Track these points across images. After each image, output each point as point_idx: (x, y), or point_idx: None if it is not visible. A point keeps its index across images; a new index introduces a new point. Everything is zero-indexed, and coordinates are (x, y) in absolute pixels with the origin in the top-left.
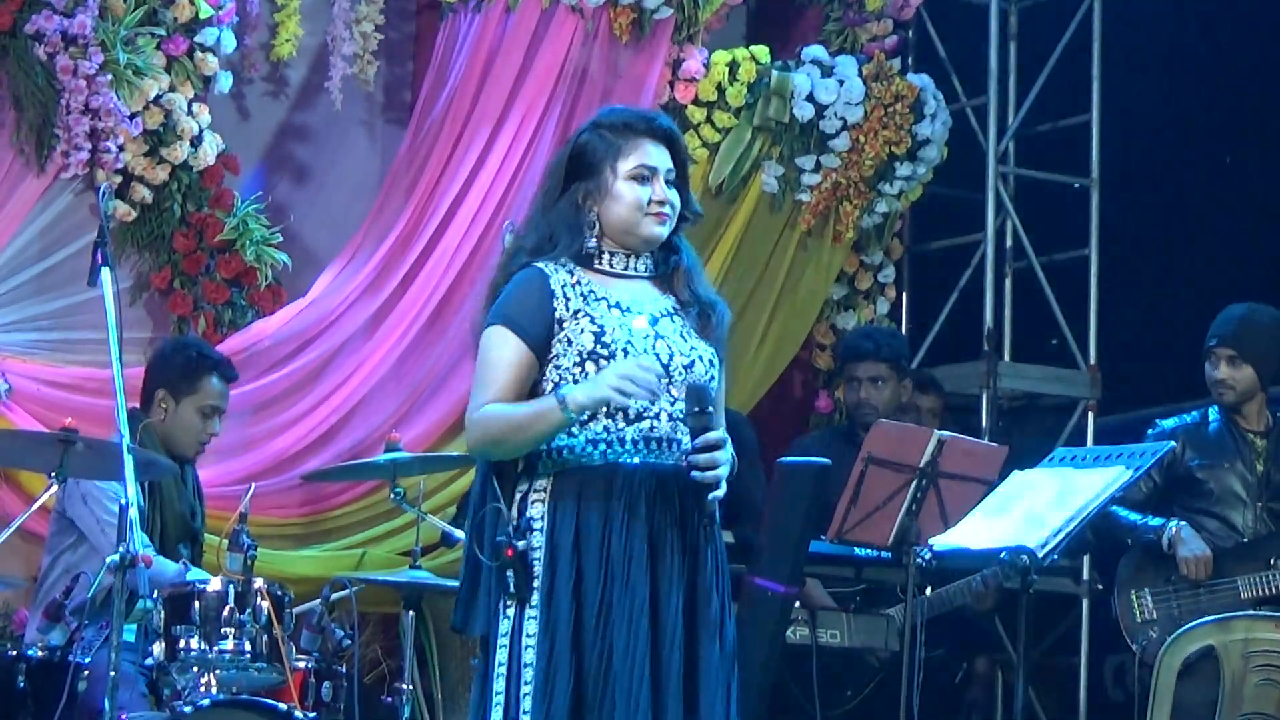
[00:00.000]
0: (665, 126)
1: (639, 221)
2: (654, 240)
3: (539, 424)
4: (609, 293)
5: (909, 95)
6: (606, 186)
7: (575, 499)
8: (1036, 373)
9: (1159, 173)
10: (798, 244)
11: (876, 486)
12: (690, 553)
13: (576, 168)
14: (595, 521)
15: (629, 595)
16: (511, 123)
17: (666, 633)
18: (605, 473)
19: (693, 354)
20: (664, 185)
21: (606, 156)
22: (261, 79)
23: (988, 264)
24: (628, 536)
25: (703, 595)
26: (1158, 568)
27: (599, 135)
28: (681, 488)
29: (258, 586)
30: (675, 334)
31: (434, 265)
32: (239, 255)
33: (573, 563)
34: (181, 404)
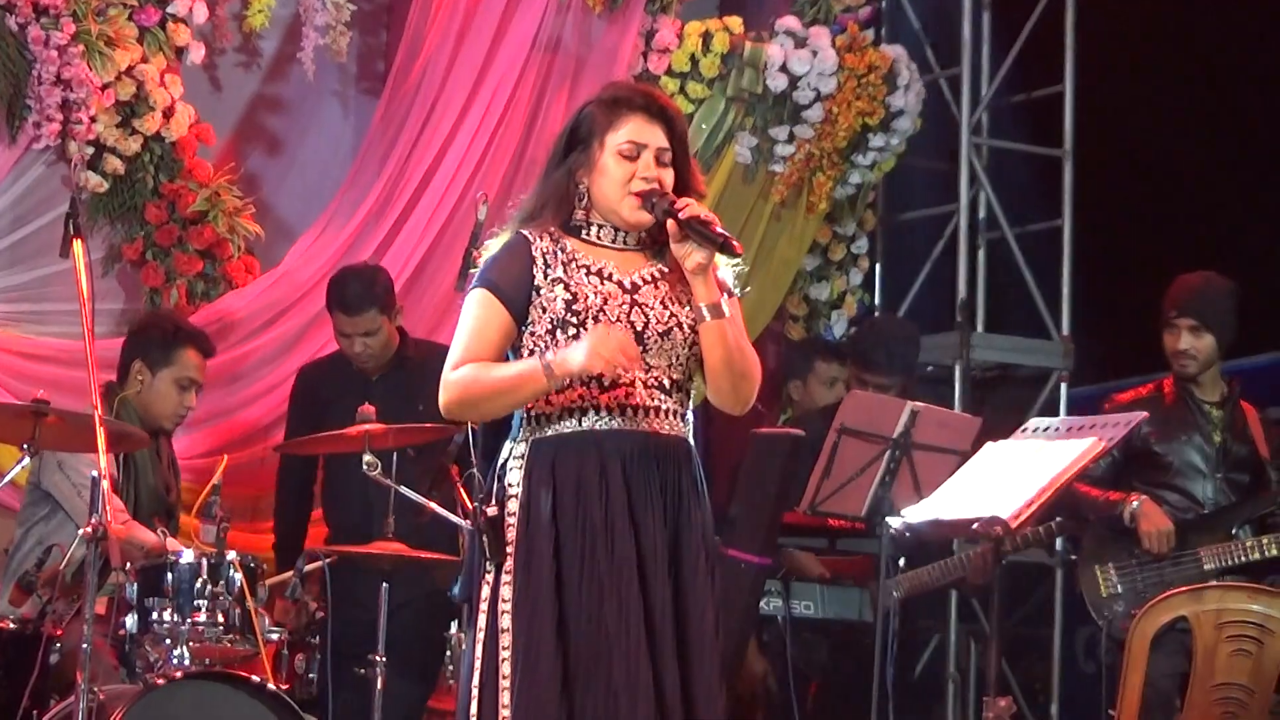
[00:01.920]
0: (660, 104)
1: (620, 200)
2: (637, 225)
3: (521, 389)
4: (591, 260)
5: (882, 66)
6: (594, 159)
7: (550, 466)
8: (1009, 343)
9: (1132, 144)
10: (771, 215)
11: (850, 457)
12: (671, 520)
13: (573, 141)
14: (570, 488)
15: (614, 561)
16: (484, 93)
17: (656, 599)
18: (580, 440)
19: (671, 321)
20: (653, 163)
21: (598, 129)
22: (234, 50)
23: (961, 235)
24: (607, 502)
25: (689, 564)
26: (1120, 542)
27: (596, 107)
28: (659, 454)
29: (230, 558)
30: (655, 300)
31: (407, 236)
32: (211, 226)
33: (551, 528)
34: (158, 376)
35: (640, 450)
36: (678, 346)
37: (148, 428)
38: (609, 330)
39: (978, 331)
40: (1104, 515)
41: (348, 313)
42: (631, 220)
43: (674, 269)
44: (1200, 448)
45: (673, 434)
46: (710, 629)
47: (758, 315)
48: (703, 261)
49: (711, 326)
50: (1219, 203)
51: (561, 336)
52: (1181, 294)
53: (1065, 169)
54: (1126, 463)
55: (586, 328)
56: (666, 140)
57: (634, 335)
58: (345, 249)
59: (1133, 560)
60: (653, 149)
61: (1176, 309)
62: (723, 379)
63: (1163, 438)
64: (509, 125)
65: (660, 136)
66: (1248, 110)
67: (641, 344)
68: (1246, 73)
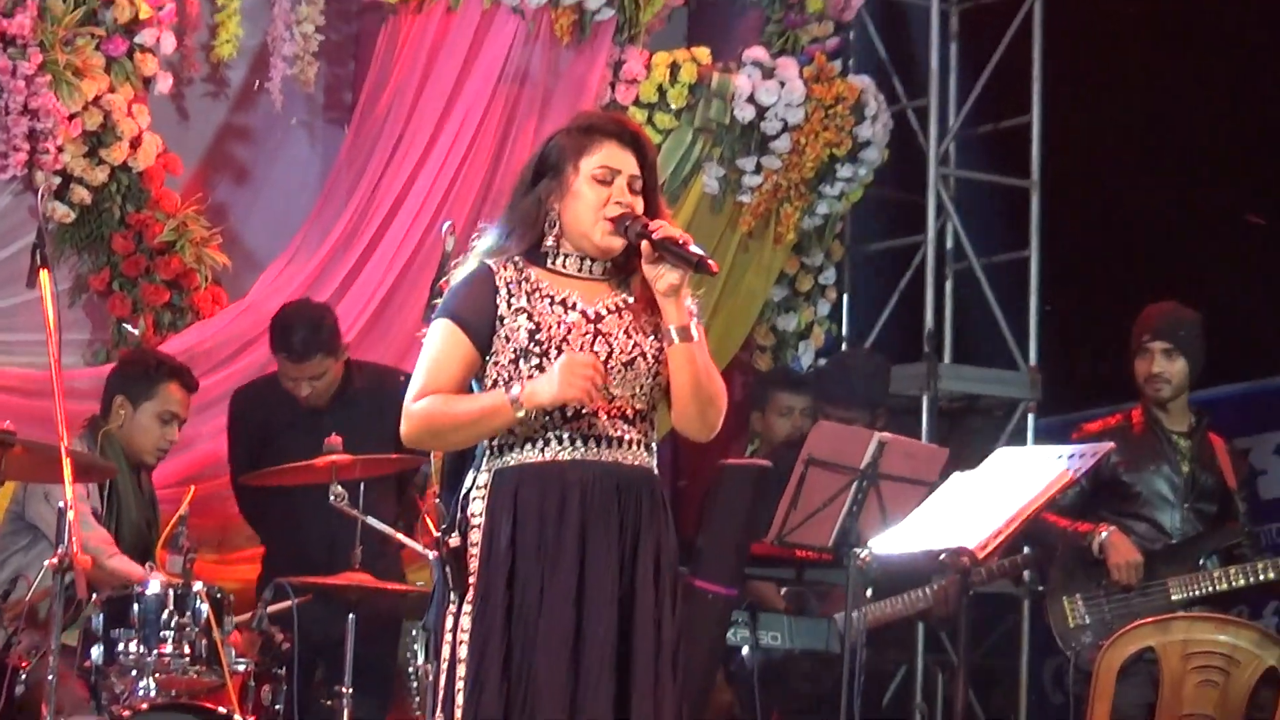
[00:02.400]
0: (632, 131)
1: (593, 225)
2: (607, 250)
3: (487, 422)
4: (555, 289)
5: (850, 97)
6: (567, 185)
7: (513, 496)
8: (977, 374)
9: (1099, 174)
10: (739, 245)
11: (817, 488)
12: (630, 550)
13: (543, 169)
14: (532, 517)
15: (560, 590)
16: (452, 123)
17: (594, 624)
18: (542, 469)
19: (634, 351)
20: (626, 188)
21: (570, 155)
22: (202, 80)
23: (928, 266)
24: (561, 531)
25: (640, 595)
26: (1088, 573)
27: (567, 136)
28: (622, 484)
29: (197, 589)
30: (619, 330)
31: (375, 266)
32: (179, 257)
33: (508, 559)
34: (139, 409)
35: (602, 480)
36: (641, 376)
37: (130, 462)
38: (574, 357)
39: (945, 362)
40: (1072, 546)
41: (294, 359)
42: (603, 245)
43: (639, 299)
44: (1168, 478)
45: (636, 464)
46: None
47: (725, 346)
48: (675, 283)
49: (680, 349)
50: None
51: (525, 366)
52: (1153, 319)
53: (1032, 199)
54: (1094, 492)
55: (550, 358)
56: (638, 168)
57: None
58: (312, 279)
59: (1100, 591)
60: (626, 175)
61: (1149, 333)
62: (689, 404)
63: (1131, 468)
64: (476, 156)
65: (632, 164)
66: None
67: (605, 373)
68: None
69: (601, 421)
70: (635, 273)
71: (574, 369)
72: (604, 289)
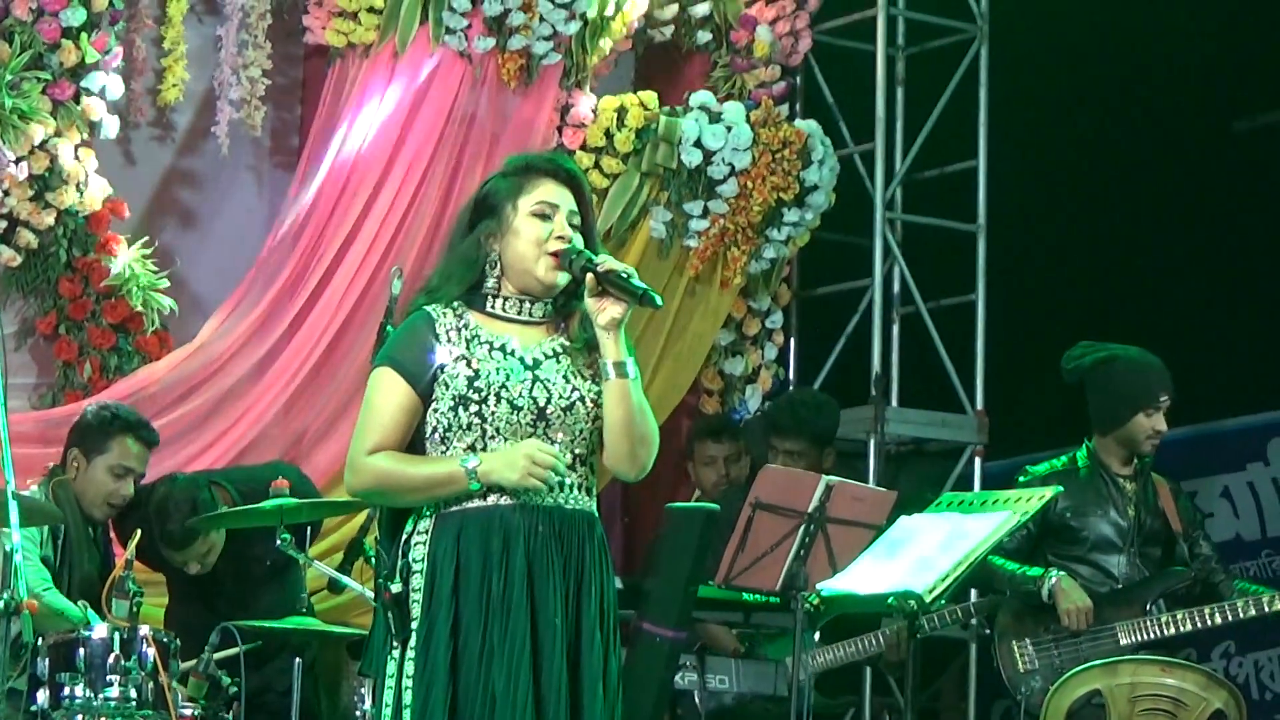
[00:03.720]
0: (569, 169)
1: (537, 260)
2: (551, 286)
3: (440, 489)
4: (493, 336)
5: (796, 141)
6: (508, 223)
7: (455, 541)
8: (924, 418)
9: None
10: (685, 289)
11: (764, 531)
12: (575, 594)
13: (481, 212)
14: (475, 563)
15: (508, 639)
16: (399, 166)
17: (550, 676)
18: (484, 515)
19: (573, 396)
20: (565, 224)
21: (509, 194)
22: (148, 124)
23: (875, 309)
24: (506, 576)
25: (586, 638)
26: (1037, 617)
27: (503, 177)
28: (564, 528)
29: (144, 633)
30: (558, 375)
31: (321, 310)
32: (125, 300)
33: (450, 605)
34: (93, 463)
35: (544, 525)
36: (581, 421)
37: (83, 513)
38: (539, 450)
39: (892, 406)
40: (1020, 590)
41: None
42: (547, 280)
43: (577, 341)
44: (1114, 522)
45: (577, 508)
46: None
47: (671, 390)
48: (618, 317)
49: (615, 385)
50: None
51: (464, 414)
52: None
53: (979, 243)
54: (1041, 536)
55: (489, 404)
56: (575, 204)
57: (538, 411)
58: (260, 323)
59: (1049, 635)
60: (564, 210)
61: (1165, 392)
62: (621, 441)
63: (1077, 512)
64: (424, 198)
65: (570, 199)
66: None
67: (544, 420)
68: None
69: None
70: (574, 315)
71: (537, 460)
72: (541, 333)
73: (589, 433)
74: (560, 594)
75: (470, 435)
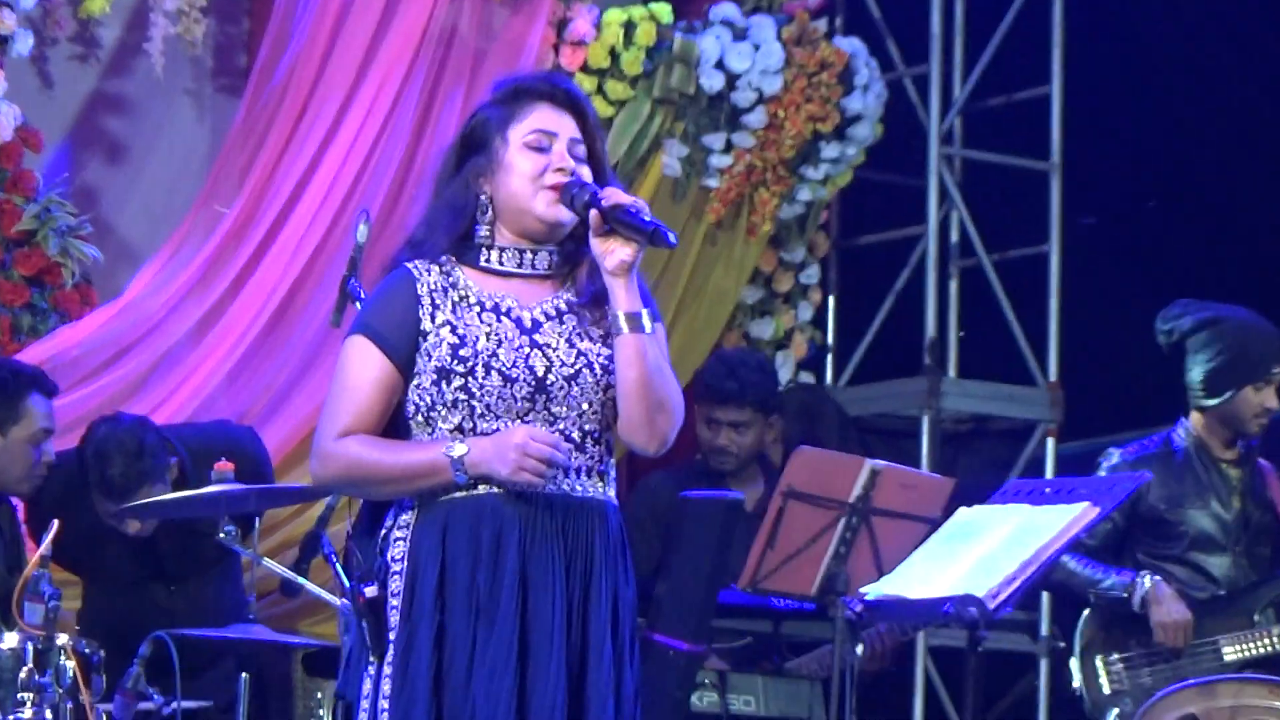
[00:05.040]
0: (567, 89)
1: (532, 196)
2: (554, 222)
3: (420, 480)
4: (485, 295)
5: (836, 63)
6: (498, 158)
7: (440, 536)
8: (986, 391)
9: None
10: (705, 238)
11: (798, 525)
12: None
13: (468, 148)
14: (463, 562)
15: (490, 649)
16: (366, 92)
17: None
18: (474, 505)
19: (578, 363)
20: (566, 154)
21: (498, 125)
22: (68, 39)
23: (929, 262)
24: (496, 575)
25: (593, 651)
26: (1126, 629)
27: (491, 106)
28: (567, 519)
29: (61, 644)
30: (560, 338)
31: (273, 260)
32: (40, 249)
33: (434, 612)
34: (8, 437)
35: (543, 515)
36: (589, 392)
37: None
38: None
39: (949, 377)
40: (1105, 596)
41: (113, 499)
42: (548, 217)
43: (584, 296)
44: (1216, 515)
45: (586, 495)
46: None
47: (689, 356)
48: (627, 259)
49: (627, 341)
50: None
51: (447, 388)
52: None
53: (1052, 184)
54: (1129, 531)
55: (475, 376)
56: (578, 130)
57: (535, 382)
58: (199, 275)
59: (1140, 650)
60: (564, 138)
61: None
62: (635, 405)
63: (1172, 503)
64: (394, 130)
65: (571, 125)
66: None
67: (544, 393)
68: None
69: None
70: (582, 263)
71: (529, 451)
72: (546, 289)
73: (600, 405)
74: (561, 598)
75: (456, 414)
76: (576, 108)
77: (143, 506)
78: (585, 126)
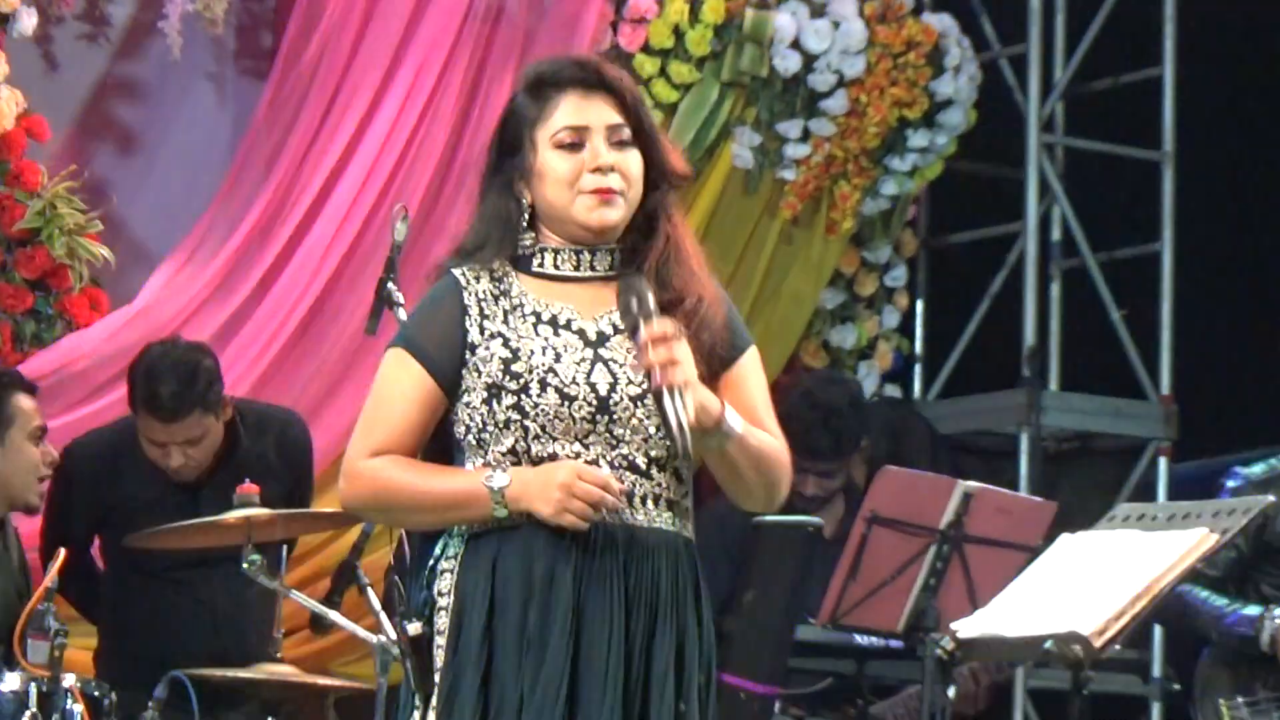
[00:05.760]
0: (596, 70)
1: (571, 203)
2: (600, 228)
3: (456, 511)
4: (542, 304)
5: (925, 42)
6: (531, 164)
7: (490, 570)
8: (1092, 405)
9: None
10: (780, 235)
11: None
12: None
13: (505, 145)
14: (513, 598)
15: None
16: (404, 76)
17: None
18: (528, 536)
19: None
20: (604, 146)
21: (525, 126)
22: (76, 18)
23: (1028, 263)
24: (547, 610)
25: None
26: (1252, 669)
27: (520, 98)
28: (631, 552)
29: (68, 684)
30: (627, 353)
31: (303, 262)
32: (45, 249)
33: (481, 652)
34: (8, 439)
35: (603, 551)
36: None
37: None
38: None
39: (1050, 390)
40: (1229, 634)
41: (162, 418)
42: (592, 224)
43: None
44: None
45: (652, 527)
46: None
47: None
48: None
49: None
50: None
51: (498, 407)
52: None
53: (1165, 176)
54: (1254, 561)
55: (530, 393)
56: (618, 113)
57: (598, 401)
58: (220, 279)
59: (1269, 694)
60: (599, 129)
61: None
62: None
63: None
64: (436, 118)
65: (607, 110)
66: None
67: (606, 413)
68: None
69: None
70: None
71: (576, 492)
72: (604, 296)
73: None
74: (619, 637)
75: (509, 436)
76: (610, 87)
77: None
78: (624, 105)
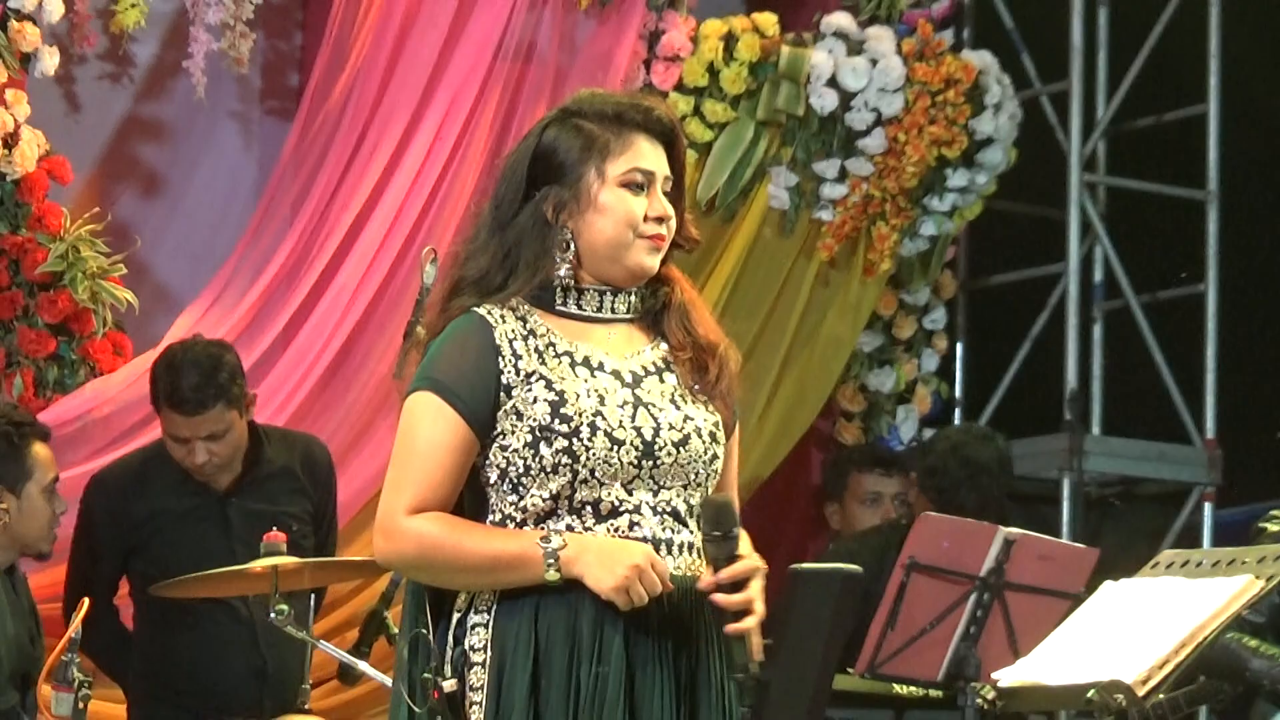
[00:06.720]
0: (665, 120)
1: (629, 245)
2: (643, 273)
3: (506, 573)
4: (575, 345)
5: (964, 79)
6: (589, 195)
7: (530, 624)
8: (1135, 450)
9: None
10: (816, 277)
11: (923, 601)
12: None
13: (543, 171)
14: (558, 654)
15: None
16: (433, 116)
17: None
18: (569, 588)
19: (687, 426)
20: (662, 197)
21: (590, 155)
22: (98, 57)
23: (1070, 304)
24: (598, 669)
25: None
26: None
27: (576, 127)
28: (673, 601)
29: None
30: (665, 399)
31: (330, 306)
32: (67, 293)
33: (527, 708)
34: (24, 494)
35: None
36: (696, 460)
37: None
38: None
39: (1093, 434)
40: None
41: (185, 411)
42: (642, 268)
43: (680, 344)
44: None
45: (691, 575)
46: None
47: (799, 412)
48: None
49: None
50: None
51: (548, 451)
52: None
53: (1209, 216)
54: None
55: (580, 437)
56: (668, 165)
57: (643, 445)
58: (246, 323)
59: None
60: (660, 177)
61: None
62: None
63: None
64: (465, 159)
65: (664, 162)
66: None
67: (651, 458)
68: None
69: (646, 522)
70: (667, 309)
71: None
72: (637, 336)
73: (706, 477)
74: (670, 687)
75: (556, 480)
76: (670, 140)
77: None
78: (673, 157)
